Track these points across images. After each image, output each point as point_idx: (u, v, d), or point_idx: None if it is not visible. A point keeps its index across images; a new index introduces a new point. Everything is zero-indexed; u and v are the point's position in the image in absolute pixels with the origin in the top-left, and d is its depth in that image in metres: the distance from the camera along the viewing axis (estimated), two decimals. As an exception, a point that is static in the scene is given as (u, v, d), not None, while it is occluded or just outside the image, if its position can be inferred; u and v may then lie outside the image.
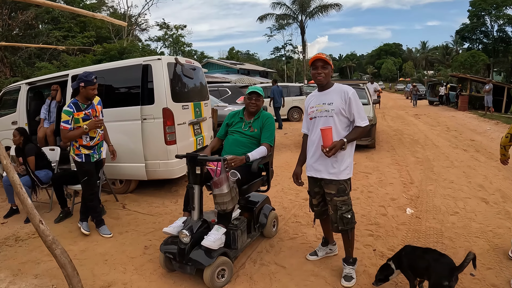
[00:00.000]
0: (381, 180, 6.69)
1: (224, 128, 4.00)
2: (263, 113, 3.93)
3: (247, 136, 3.80)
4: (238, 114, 3.97)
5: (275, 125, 3.92)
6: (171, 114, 5.41)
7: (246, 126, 3.84)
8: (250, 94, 3.83)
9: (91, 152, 4.44)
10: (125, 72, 5.79)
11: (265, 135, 3.78)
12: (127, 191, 6.13)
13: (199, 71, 6.72)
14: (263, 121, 3.82)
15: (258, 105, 3.85)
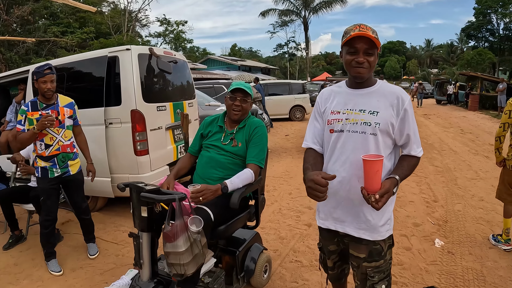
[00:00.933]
0: (399, 197, 5.61)
1: (198, 141, 2.95)
2: (251, 120, 2.86)
3: (227, 154, 2.75)
4: (217, 121, 2.92)
5: (267, 137, 2.87)
6: (141, 118, 4.37)
7: (227, 138, 2.80)
8: (233, 93, 2.77)
9: (48, 164, 3.52)
10: (88, 66, 4.77)
11: (252, 152, 2.72)
12: (94, 208, 5.09)
13: (182, 65, 5.65)
14: (251, 132, 2.77)
15: (245, 108, 2.78)
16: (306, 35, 40.82)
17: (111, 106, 4.42)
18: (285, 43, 59.36)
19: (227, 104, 2.80)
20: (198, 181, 2.75)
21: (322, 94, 2.08)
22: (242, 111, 2.76)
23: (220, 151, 2.75)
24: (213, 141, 2.81)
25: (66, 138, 3.61)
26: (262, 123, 2.84)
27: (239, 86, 2.75)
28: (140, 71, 4.44)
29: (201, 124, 2.98)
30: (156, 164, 4.66)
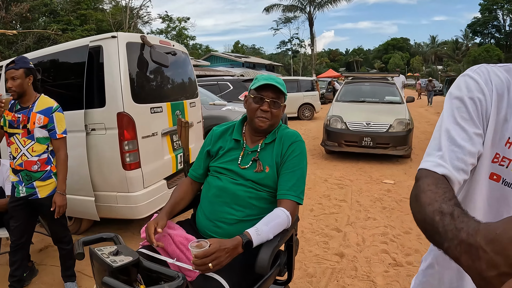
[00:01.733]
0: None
1: (203, 161, 2.05)
2: (283, 132, 1.97)
3: (248, 183, 1.85)
4: (231, 132, 2.02)
5: (306, 155, 1.95)
6: (130, 122, 3.47)
7: (247, 159, 1.91)
8: (259, 91, 1.87)
9: (16, 179, 2.84)
10: (65, 59, 3.89)
11: (287, 182, 1.82)
12: (78, 231, 4.21)
13: (182, 58, 4.75)
14: (285, 150, 1.89)
15: (276, 115, 1.89)
16: (311, 31, 39.85)
17: (93, 108, 3.53)
18: (289, 40, 58.85)
19: (249, 108, 1.90)
20: (203, 223, 1.88)
21: (484, 74, 0.96)
22: (272, 119, 1.87)
23: (237, 179, 1.85)
24: (226, 163, 1.92)
25: (33, 153, 2.78)
26: (300, 136, 1.96)
27: (269, 82, 1.83)
28: (129, 64, 3.54)
29: (208, 136, 2.09)
30: (150, 180, 3.78)
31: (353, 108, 8.29)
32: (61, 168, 2.91)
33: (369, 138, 7.30)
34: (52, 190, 2.89)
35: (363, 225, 4.39)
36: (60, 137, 2.88)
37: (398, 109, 8.04)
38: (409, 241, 3.96)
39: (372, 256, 3.64)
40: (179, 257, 1.73)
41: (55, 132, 2.85)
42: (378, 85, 9.56)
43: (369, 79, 10.08)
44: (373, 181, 6.23)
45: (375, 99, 8.93)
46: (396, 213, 4.76)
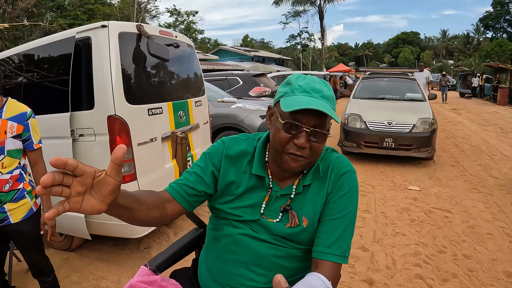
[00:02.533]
0: (471, 228, 4.18)
1: (201, 182, 1.36)
2: (328, 158, 1.38)
3: (276, 240, 1.31)
4: (249, 160, 1.38)
5: (358, 192, 1.36)
6: (123, 127, 2.96)
7: (276, 207, 1.33)
8: (296, 115, 1.18)
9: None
10: (48, 54, 3.37)
11: (330, 235, 1.25)
12: (70, 248, 3.72)
13: (186, 51, 4.20)
14: (331, 188, 1.31)
15: (316, 151, 1.24)
16: (322, 25, 39.16)
17: (81, 110, 3.02)
18: (298, 34, 58.25)
19: (275, 135, 1.24)
20: (210, 285, 1.36)
21: None
22: (311, 157, 1.25)
23: (260, 233, 1.31)
24: (243, 209, 1.34)
25: (3, 170, 2.26)
26: (351, 165, 1.38)
27: (312, 107, 1.14)
28: (123, 58, 3.02)
29: (215, 149, 1.40)
30: (148, 191, 3.27)
31: (372, 106, 7.68)
32: None
33: (390, 139, 6.70)
34: (27, 212, 2.39)
35: (392, 242, 3.84)
36: (37, 147, 2.38)
37: (420, 107, 7.42)
38: (445, 263, 3.42)
39: (406, 283, 3.11)
40: None
41: (32, 142, 2.35)
42: (397, 80, 8.93)
43: (388, 74, 9.43)
44: (396, 187, 5.66)
45: (395, 96, 8.31)
46: (426, 226, 4.21)
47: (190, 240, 1.60)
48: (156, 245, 3.86)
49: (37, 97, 3.36)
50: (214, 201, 1.39)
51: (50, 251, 3.71)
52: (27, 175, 2.44)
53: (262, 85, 9.89)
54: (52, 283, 2.62)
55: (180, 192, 1.32)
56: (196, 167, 1.38)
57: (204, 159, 1.39)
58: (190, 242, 1.60)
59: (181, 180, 1.35)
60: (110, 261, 3.56)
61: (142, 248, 3.79)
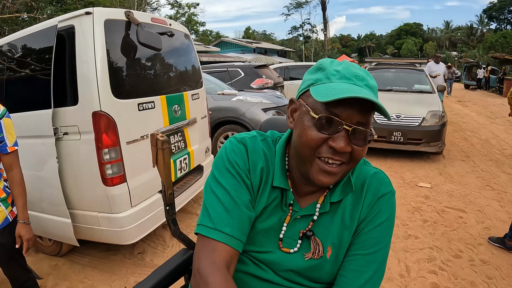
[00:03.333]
0: (487, 229, 3.91)
1: (244, 216, 0.96)
2: (361, 170, 1.07)
3: (284, 277, 1.02)
4: (267, 172, 1.04)
5: (394, 220, 1.07)
6: (110, 124, 2.67)
7: (294, 231, 1.03)
8: (332, 107, 0.88)
9: None
10: (29, 46, 3.07)
11: (360, 273, 0.96)
12: (59, 253, 3.47)
13: (181, 40, 3.88)
14: (368, 209, 1.01)
15: (357, 157, 0.93)
16: (324, 16, 38.73)
17: (64, 106, 2.73)
18: (300, 25, 57.83)
19: (301, 134, 0.93)
20: None
21: None
22: (350, 164, 0.95)
23: (267, 272, 1.03)
24: (257, 236, 1.04)
25: None
26: (391, 184, 1.07)
27: (357, 95, 0.84)
28: (109, 48, 2.72)
29: (238, 158, 1.02)
30: (139, 196, 2.99)
31: (379, 98, 7.28)
32: (19, 191, 2.13)
33: (399, 133, 6.38)
34: (2, 222, 2.13)
35: (404, 246, 3.57)
36: (12, 150, 2.10)
37: (429, 100, 7.11)
38: (462, 269, 3.16)
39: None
40: None
41: (5, 145, 2.07)
42: (405, 72, 8.61)
43: (395, 65, 9.09)
44: (406, 185, 5.37)
45: (403, 87, 7.99)
46: (440, 228, 3.94)
47: (178, 264, 1.33)
48: (151, 249, 3.60)
49: (18, 93, 3.09)
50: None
51: (39, 257, 3.49)
52: (2, 181, 2.18)
53: (264, 77, 9.56)
54: None
55: (243, 240, 0.97)
56: (235, 189, 0.98)
57: (234, 172, 1.00)
58: (177, 267, 1.32)
59: (233, 219, 0.95)
60: (102, 268, 3.31)
61: (136, 254, 3.53)
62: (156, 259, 3.42)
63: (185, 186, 3.69)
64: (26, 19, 22.17)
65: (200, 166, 4.09)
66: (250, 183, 1.01)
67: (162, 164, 1.24)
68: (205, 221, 0.95)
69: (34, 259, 3.41)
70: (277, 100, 6.65)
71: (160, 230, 3.92)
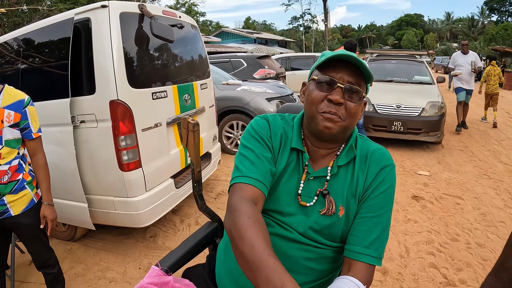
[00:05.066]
0: (483, 215, 4.06)
1: (267, 166, 1.16)
2: (364, 145, 1.26)
3: (307, 233, 1.18)
4: (285, 136, 1.26)
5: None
6: (127, 112, 2.82)
7: (310, 189, 1.21)
8: (328, 69, 1.16)
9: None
10: (46, 37, 3.20)
11: (369, 232, 1.13)
12: (74, 238, 3.63)
13: (190, 32, 4.02)
14: (373, 177, 1.19)
15: (352, 112, 1.15)
16: (325, 6, 38.47)
17: (81, 95, 2.88)
18: (301, 16, 57.61)
19: (308, 98, 1.19)
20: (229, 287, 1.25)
21: None
22: (347, 119, 1.15)
23: (291, 232, 1.19)
24: (280, 195, 1.21)
25: (2, 161, 2.13)
26: (391, 158, 1.24)
27: (345, 54, 1.11)
28: (125, 39, 2.85)
29: (261, 129, 1.25)
30: (154, 181, 3.15)
31: (380, 89, 7.44)
32: (44, 175, 2.29)
33: (399, 123, 6.53)
34: (28, 204, 2.28)
35: (404, 229, 3.73)
36: (36, 136, 2.25)
37: (429, 90, 7.23)
38: (458, 252, 3.32)
39: (420, 273, 3.01)
40: None
41: (31, 131, 2.21)
42: (405, 63, 8.71)
43: (395, 56, 9.20)
44: (406, 172, 5.54)
45: (403, 78, 8.12)
46: (438, 213, 4.10)
47: (204, 236, 1.48)
48: (162, 233, 3.76)
49: (36, 83, 3.21)
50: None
51: (54, 242, 3.63)
52: (27, 165, 2.32)
53: (266, 67, 9.68)
54: (56, 275, 2.53)
55: (267, 185, 1.15)
56: (258, 148, 1.19)
57: (258, 137, 1.22)
58: (203, 239, 1.48)
59: (257, 168, 1.14)
60: (116, 251, 3.47)
61: (148, 237, 3.69)
62: (168, 242, 3.58)
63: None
64: (26, 11, 22.12)
65: (208, 153, 4.24)
66: (271, 145, 1.23)
67: (192, 144, 1.38)
68: (235, 174, 1.16)
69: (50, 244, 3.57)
70: (280, 90, 6.79)
71: (170, 215, 4.08)
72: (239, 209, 1.00)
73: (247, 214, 0.97)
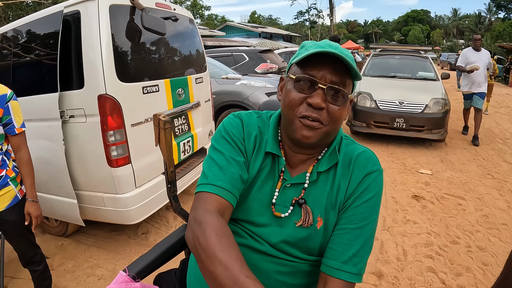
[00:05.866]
0: (485, 217, 3.96)
1: (236, 176, 1.05)
2: (349, 147, 1.14)
3: (280, 247, 1.09)
4: (258, 138, 1.14)
5: (381, 197, 1.14)
6: (115, 107, 2.73)
7: (285, 197, 1.10)
8: (308, 67, 1.02)
9: None
10: (35, 31, 3.12)
11: (348, 246, 1.02)
12: (65, 233, 3.56)
13: (185, 24, 3.92)
14: (356, 185, 1.07)
15: (335, 118, 1.03)
16: (331, 1, 38.25)
17: (70, 90, 2.79)
18: (306, 10, 57.37)
19: (285, 99, 1.07)
20: None
21: None
22: (330, 125, 1.04)
23: (262, 244, 1.10)
24: (252, 204, 1.11)
25: None
26: (378, 162, 1.13)
27: (328, 50, 0.97)
28: (114, 32, 2.76)
29: (233, 129, 1.14)
30: (144, 177, 3.07)
31: (383, 84, 7.34)
32: (27, 171, 2.22)
33: (401, 119, 6.41)
34: (11, 200, 2.21)
35: (403, 230, 3.64)
36: (19, 131, 2.17)
37: (433, 87, 7.09)
38: (458, 255, 3.22)
39: (417, 277, 2.92)
40: None
41: (13, 127, 2.14)
42: (409, 58, 8.57)
43: (399, 52, 9.05)
44: (407, 171, 5.43)
45: (407, 74, 7.98)
46: (438, 214, 4.00)
47: (178, 239, 1.40)
48: (154, 230, 3.69)
49: (25, 77, 3.15)
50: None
51: (46, 237, 3.59)
52: (11, 161, 2.25)
53: (268, 62, 9.55)
54: (42, 272, 2.48)
55: (235, 194, 1.04)
56: (229, 151, 1.09)
57: (230, 139, 1.11)
58: (177, 242, 1.39)
59: (225, 174, 1.04)
60: (107, 247, 3.41)
61: (140, 234, 3.62)
62: (159, 239, 3.50)
63: (188, 168, 3.77)
64: (30, 4, 22.07)
65: (203, 148, 4.16)
66: (244, 149, 1.11)
67: (164, 143, 1.30)
68: (202, 180, 1.05)
69: (41, 240, 3.51)
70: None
71: (163, 211, 4.01)
72: (204, 223, 0.90)
73: (214, 229, 0.88)
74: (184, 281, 1.30)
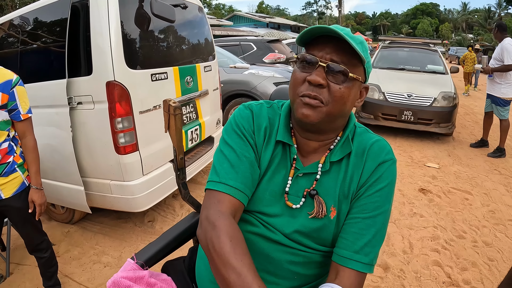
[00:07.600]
0: (492, 212, 3.93)
1: (248, 170, 1.05)
2: (362, 136, 1.12)
3: (292, 237, 1.06)
4: (268, 128, 1.12)
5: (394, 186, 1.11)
6: (123, 94, 2.72)
7: (297, 188, 1.08)
8: (311, 46, 1.02)
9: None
10: (43, 18, 3.10)
11: (360, 235, 1.00)
12: (71, 221, 3.58)
13: (194, 12, 3.88)
14: (369, 173, 1.05)
15: (337, 97, 0.98)
16: (339, -9, 37.96)
17: (78, 76, 2.78)
18: (315, 1, 56.90)
19: (292, 80, 1.05)
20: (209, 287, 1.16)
21: None
22: (330, 104, 0.98)
23: (275, 233, 1.07)
24: (264, 194, 1.09)
25: None
26: (392, 151, 1.10)
27: (325, 28, 0.95)
28: (123, 19, 2.73)
29: (244, 121, 1.12)
30: (151, 164, 3.06)
31: (392, 77, 7.27)
32: (32, 158, 2.21)
33: (410, 112, 6.36)
34: (19, 186, 2.21)
35: (409, 223, 3.62)
36: (25, 118, 2.17)
37: (442, 80, 7.01)
38: (464, 250, 3.21)
39: (423, 270, 2.91)
40: None
41: (19, 113, 2.13)
42: (418, 51, 8.48)
43: (408, 44, 8.96)
44: (414, 164, 5.40)
45: (416, 67, 7.90)
46: (445, 208, 3.98)
47: (187, 227, 1.39)
48: (161, 218, 3.70)
49: (32, 64, 3.14)
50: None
51: (52, 224, 3.60)
52: (18, 147, 2.25)
53: (276, 52, 9.50)
54: (49, 259, 2.49)
55: (247, 194, 1.04)
56: (240, 147, 1.07)
57: (240, 133, 1.09)
58: (186, 230, 1.38)
59: (237, 173, 1.03)
60: (113, 235, 3.42)
61: (146, 222, 3.63)
62: (165, 227, 3.51)
63: (196, 156, 3.76)
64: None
65: (211, 137, 4.15)
66: (254, 142, 1.09)
67: (174, 129, 1.29)
68: (213, 177, 1.05)
69: (47, 226, 3.51)
70: (289, 74, 6.62)
71: (170, 199, 4.01)
72: (218, 227, 0.91)
73: (229, 235, 0.89)
74: (193, 269, 1.30)
